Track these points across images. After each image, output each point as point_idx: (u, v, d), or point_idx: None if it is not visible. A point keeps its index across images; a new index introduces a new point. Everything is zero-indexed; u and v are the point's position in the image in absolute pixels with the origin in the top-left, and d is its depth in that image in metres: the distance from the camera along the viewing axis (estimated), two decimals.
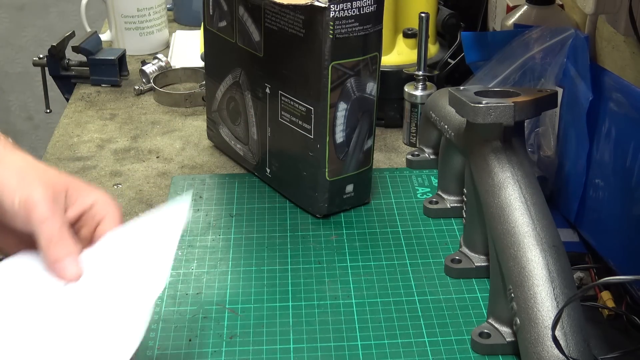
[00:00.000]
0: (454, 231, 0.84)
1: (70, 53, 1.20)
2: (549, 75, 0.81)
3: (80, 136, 1.04)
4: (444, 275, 0.77)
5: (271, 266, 0.78)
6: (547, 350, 0.59)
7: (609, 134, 0.73)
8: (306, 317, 0.72)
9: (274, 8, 0.81)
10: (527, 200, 0.67)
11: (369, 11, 0.78)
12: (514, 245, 0.65)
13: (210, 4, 0.91)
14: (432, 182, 0.92)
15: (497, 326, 0.68)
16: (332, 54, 0.78)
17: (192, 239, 0.82)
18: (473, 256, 0.77)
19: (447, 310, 0.72)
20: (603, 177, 0.74)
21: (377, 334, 0.70)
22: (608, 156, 0.73)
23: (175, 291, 0.75)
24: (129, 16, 1.27)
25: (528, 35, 0.85)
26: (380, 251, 0.81)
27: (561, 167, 0.82)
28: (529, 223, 0.65)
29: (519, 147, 0.71)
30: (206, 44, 0.95)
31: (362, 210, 0.87)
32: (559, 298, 0.61)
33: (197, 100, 1.11)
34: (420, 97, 0.97)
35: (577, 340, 0.59)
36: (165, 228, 0.61)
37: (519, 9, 0.95)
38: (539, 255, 0.63)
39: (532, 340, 0.60)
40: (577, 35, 0.79)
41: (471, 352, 0.68)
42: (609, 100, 0.72)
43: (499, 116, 0.68)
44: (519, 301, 0.63)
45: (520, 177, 0.68)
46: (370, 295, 0.74)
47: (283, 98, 0.84)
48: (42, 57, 1.20)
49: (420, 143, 0.97)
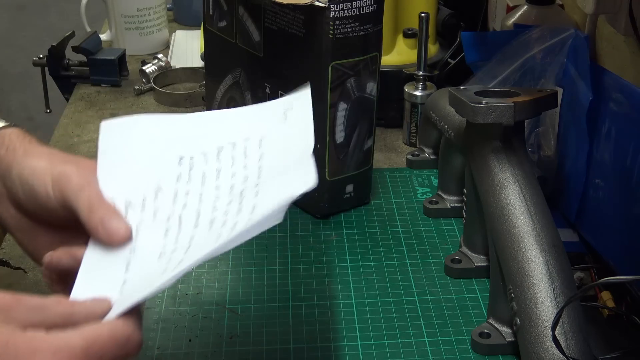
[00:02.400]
0: (454, 231, 0.84)
1: (70, 53, 1.20)
2: (549, 75, 0.81)
3: (80, 136, 1.04)
4: (444, 275, 0.77)
5: (271, 266, 0.78)
6: (547, 350, 0.59)
7: (609, 134, 0.73)
8: (306, 317, 0.72)
9: (274, 8, 0.81)
10: (527, 200, 0.67)
11: (369, 11, 0.78)
12: (514, 245, 0.65)
13: (210, 4, 0.91)
14: (432, 182, 0.92)
15: (497, 326, 0.68)
16: (332, 54, 0.78)
17: None
18: (473, 256, 0.77)
19: (447, 310, 0.72)
20: (603, 177, 0.74)
21: (377, 334, 0.70)
22: (608, 156, 0.73)
23: (175, 291, 0.75)
24: (129, 16, 1.27)
25: (528, 35, 0.85)
26: (380, 251, 0.81)
27: (561, 167, 0.82)
28: (529, 223, 0.65)
29: (519, 147, 0.71)
30: (206, 44, 0.95)
31: (362, 210, 0.87)
32: (559, 298, 0.61)
33: (197, 100, 1.11)
34: (420, 97, 0.97)
35: (577, 340, 0.59)
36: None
37: (519, 9, 0.95)
38: (539, 255, 0.63)
39: (532, 340, 0.60)
40: (577, 35, 0.79)
41: (471, 352, 0.68)
42: (609, 100, 0.72)
43: (499, 116, 0.68)
44: (519, 301, 0.63)
45: (520, 177, 0.68)
46: (370, 295, 0.74)
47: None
48: (42, 57, 1.20)
49: (420, 143, 0.97)
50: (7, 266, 0.78)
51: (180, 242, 0.54)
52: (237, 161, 0.60)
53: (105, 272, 0.54)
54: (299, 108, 0.62)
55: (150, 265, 0.53)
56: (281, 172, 0.57)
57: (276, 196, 0.53)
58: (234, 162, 0.60)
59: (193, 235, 0.54)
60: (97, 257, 0.55)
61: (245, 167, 0.59)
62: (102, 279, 0.53)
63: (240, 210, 0.54)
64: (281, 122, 0.62)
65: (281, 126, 0.61)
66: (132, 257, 0.54)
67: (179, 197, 0.58)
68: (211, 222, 0.55)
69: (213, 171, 0.60)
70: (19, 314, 0.47)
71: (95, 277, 0.54)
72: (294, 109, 0.62)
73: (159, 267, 0.52)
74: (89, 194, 0.57)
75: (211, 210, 0.56)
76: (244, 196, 0.56)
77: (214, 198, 0.57)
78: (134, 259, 0.54)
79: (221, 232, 0.52)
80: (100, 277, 0.54)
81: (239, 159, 0.60)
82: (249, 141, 0.61)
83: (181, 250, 0.53)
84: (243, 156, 0.60)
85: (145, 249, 0.54)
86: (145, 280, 0.52)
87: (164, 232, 0.55)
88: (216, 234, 0.53)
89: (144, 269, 0.53)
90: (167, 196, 0.58)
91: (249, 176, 0.58)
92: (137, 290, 0.50)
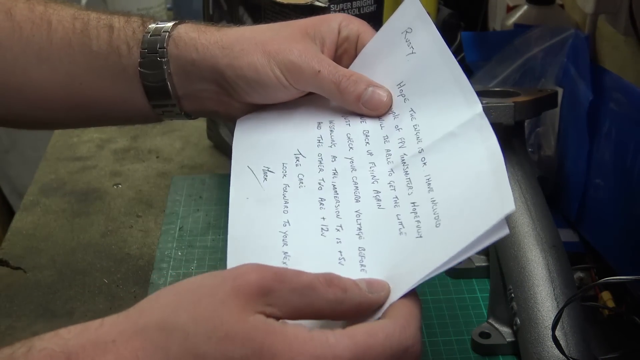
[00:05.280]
0: None
1: None
2: (549, 75, 0.81)
3: (80, 136, 1.04)
4: (444, 276, 0.77)
5: None
6: (547, 350, 0.59)
7: (609, 134, 0.72)
8: None
9: (274, 8, 0.81)
10: (527, 200, 0.67)
11: (369, 11, 0.78)
12: (514, 245, 0.65)
13: (210, 4, 0.91)
14: None
15: (497, 326, 0.68)
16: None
17: (192, 239, 0.82)
18: (473, 256, 0.77)
19: (447, 310, 0.72)
20: (603, 177, 0.74)
21: None
22: (608, 156, 0.73)
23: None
24: None
25: (528, 35, 0.85)
26: None
27: (561, 167, 0.82)
28: (529, 223, 0.65)
29: (519, 147, 0.71)
30: None
31: None
32: (559, 298, 0.61)
33: None
34: None
35: (577, 340, 0.59)
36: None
37: (519, 9, 0.95)
38: (539, 255, 0.63)
39: (532, 340, 0.60)
40: (577, 35, 0.79)
41: (471, 352, 0.68)
42: (609, 100, 0.72)
43: (499, 116, 0.68)
44: (519, 301, 0.62)
45: (520, 177, 0.68)
46: None
47: None
48: None
49: None
50: (7, 266, 0.78)
51: (345, 217, 0.48)
52: (386, 119, 0.54)
53: (260, 238, 0.48)
54: (419, 26, 0.55)
55: (315, 242, 0.47)
56: (445, 133, 0.49)
57: (461, 170, 0.46)
58: (382, 122, 0.54)
59: (358, 210, 0.48)
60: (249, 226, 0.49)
61: (398, 127, 0.53)
62: (259, 248, 0.47)
63: (411, 184, 0.47)
64: (408, 53, 0.55)
65: (412, 58, 0.55)
66: (288, 230, 0.48)
67: (325, 163, 0.53)
68: (376, 196, 0.48)
69: (360, 133, 0.54)
70: (280, 298, 0.40)
71: (251, 239, 0.48)
72: (413, 30, 0.55)
73: (332, 248, 0.46)
74: (329, 73, 0.56)
75: (370, 180, 0.50)
76: (407, 165, 0.49)
77: (369, 165, 0.51)
78: (291, 232, 0.48)
79: (400, 214, 0.46)
80: (257, 240, 0.47)
81: (386, 116, 0.54)
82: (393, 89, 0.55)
83: (350, 229, 0.47)
84: (390, 113, 0.54)
85: (302, 221, 0.49)
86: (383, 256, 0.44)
87: (318, 202, 0.50)
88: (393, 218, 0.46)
89: (308, 246, 0.47)
90: (311, 162, 0.53)
91: (405, 138, 0.51)
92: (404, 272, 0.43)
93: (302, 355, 0.38)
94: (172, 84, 0.62)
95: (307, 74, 0.57)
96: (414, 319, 0.43)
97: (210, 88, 0.62)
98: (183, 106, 0.64)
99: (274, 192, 0.52)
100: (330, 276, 0.42)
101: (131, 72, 0.62)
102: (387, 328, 0.41)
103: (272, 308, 0.40)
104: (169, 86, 0.62)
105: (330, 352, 0.38)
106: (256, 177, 0.53)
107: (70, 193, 0.90)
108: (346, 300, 0.42)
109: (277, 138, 0.57)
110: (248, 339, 0.38)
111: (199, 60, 0.60)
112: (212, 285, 0.41)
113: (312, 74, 0.57)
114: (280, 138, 0.57)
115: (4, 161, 1.82)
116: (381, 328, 0.41)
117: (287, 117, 0.59)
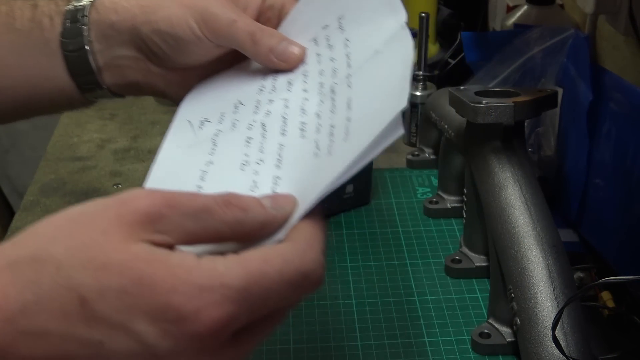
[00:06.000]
0: (454, 231, 0.84)
1: None
2: (549, 75, 0.81)
3: (80, 136, 1.04)
4: (444, 275, 0.77)
5: None
6: (547, 350, 0.59)
7: (609, 134, 0.73)
8: (306, 317, 0.71)
9: None
10: (527, 200, 0.67)
11: None
12: (514, 245, 0.65)
13: None
14: (432, 182, 0.92)
15: (497, 326, 0.68)
16: None
17: None
18: (473, 256, 0.77)
19: (447, 310, 0.72)
20: (603, 177, 0.74)
21: (377, 334, 0.69)
22: (608, 156, 0.73)
23: None
24: None
25: (528, 35, 0.85)
26: (380, 251, 0.81)
27: (561, 167, 0.82)
28: (529, 223, 0.65)
29: (519, 147, 0.71)
30: None
31: (362, 210, 0.87)
32: (559, 298, 0.61)
33: None
34: (420, 97, 0.97)
35: (577, 340, 0.59)
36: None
37: (519, 9, 0.95)
38: (539, 255, 0.63)
39: (532, 340, 0.60)
40: (577, 35, 0.79)
41: (471, 352, 0.68)
42: (609, 100, 0.72)
43: (499, 116, 0.68)
44: (519, 301, 0.63)
45: (520, 177, 0.68)
46: (370, 295, 0.74)
47: None
48: None
49: (420, 143, 0.97)
50: None
51: (268, 151, 0.48)
52: (323, 56, 0.53)
53: (179, 177, 0.47)
54: None
55: (232, 176, 0.46)
56: (372, 53, 0.49)
57: (376, 83, 0.46)
58: (319, 58, 0.54)
59: (282, 143, 0.48)
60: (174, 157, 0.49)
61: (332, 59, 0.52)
62: (177, 181, 0.46)
63: (334, 109, 0.47)
64: None
65: None
66: (209, 168, 0.48)
67: (261, 107, 0.52)
68: (301, 127, 0.48)
69: (299, 75, 0.54)
70: (171, 224, 0.37)
71: (170, 178, 0.47)
72: None
73: (248, 178, 0.45)
74: (245, 23, 0.55)
75: (299, 114, 0.50)
76: (335, 92, 0.49)
77: (302, 100, 0.51)
78: (211, 169, 0.48)
79: (318, 139, 0.45)
80: (175, 178, 0.47)
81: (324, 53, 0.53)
82: (328, 28, 0.55)
83: (270, 161, 0.47)
84: (327, 48, 0.53)
85: (224, 160, 0.48)
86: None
87: (244, 141, 0.50)
88: (312, 141, 0.46)
89: (224, 179, 0.46)
90: (248, 108, 0.53)
91: (338, 68, 0.51)
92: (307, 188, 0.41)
93: (185, 285, 0.35)
94: (92, 52, 0.60)
95: (223, 22, 0.55)
96: (317, 242, 0.39)
97: (130, 54, 0.60)
98: (104, 79, 0.62)
99: (205, 137, 0.51)
100: (228, 196, 0.39)
101: (53, 46, 0.60)
102: (285, 253, 0.38)
103: (161, 235, 0.37)
104: (88, 54, 0.60)
105: (218, 281, 0.35)
106: (192, 128, 0.53)
107: (71, 193, 0.90)
108: (247, 220, 0.39)
109: (221, 93, 0.57)
110: (126, 268, 0.35)
111: (118, 21, 0.59)
112: (93, 213, 0.38)
113: (228, 23, 0.55)
114: (224, 92, 0.57)
115: (4, 161, 1.82)
116: (279, 253, 0.38)
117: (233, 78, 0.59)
